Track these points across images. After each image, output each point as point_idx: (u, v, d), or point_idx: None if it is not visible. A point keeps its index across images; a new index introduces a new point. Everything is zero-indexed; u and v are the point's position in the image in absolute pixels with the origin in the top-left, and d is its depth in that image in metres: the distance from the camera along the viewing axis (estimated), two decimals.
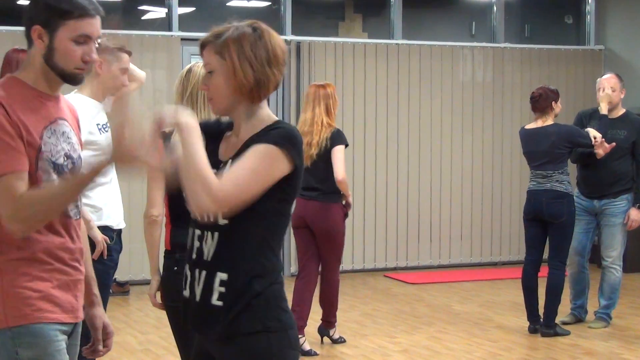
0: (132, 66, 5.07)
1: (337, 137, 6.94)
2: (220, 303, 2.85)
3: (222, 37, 2.87)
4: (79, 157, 3.08)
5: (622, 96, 7.85)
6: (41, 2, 2.87)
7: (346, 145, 6.99)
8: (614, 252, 7.82)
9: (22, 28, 2.98)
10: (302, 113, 7.24)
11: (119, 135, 2.69)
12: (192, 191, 2.69)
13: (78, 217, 3.08)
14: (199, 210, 2.72)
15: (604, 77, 7.96)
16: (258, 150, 2.80)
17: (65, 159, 3.00)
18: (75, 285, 3.01)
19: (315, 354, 6.96)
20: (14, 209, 2.78)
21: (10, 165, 2.79)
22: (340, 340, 7.32)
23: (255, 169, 2.77)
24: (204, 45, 2.93)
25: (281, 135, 2.83)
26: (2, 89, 2.87)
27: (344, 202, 7.07)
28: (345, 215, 7.11)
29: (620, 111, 7.85)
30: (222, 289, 2.85)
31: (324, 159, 6.88)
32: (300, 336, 6.58)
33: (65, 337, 2.96)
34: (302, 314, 6.89)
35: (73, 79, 2.97)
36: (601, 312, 7.95)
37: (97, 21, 2.94)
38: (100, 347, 3.23)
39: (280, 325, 2.88)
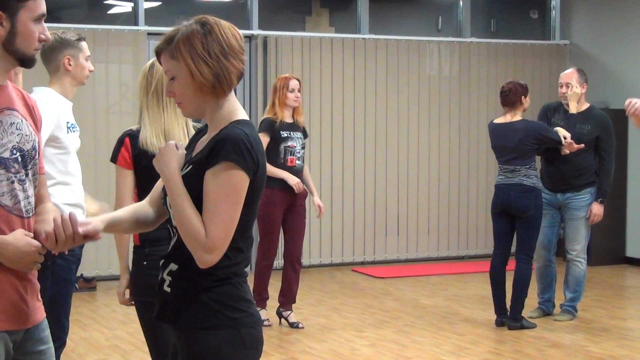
0: None
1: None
2: (168, 289, 2.87)
3: (173, 40, 2.82)
4: (34, 147, 2.95)
5: (584, 91, 7.87)
6: None
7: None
8: (578, 245, 7.87)
9: None
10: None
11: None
12: (188, 247, 2.76)
13: (29, 215, 2.96)
14: (203, 265, 2.74)
15: (566, 72, 7.99)
16: (219, 178, 2.73)
17: (13, 152, 2.88)
18: (24, 287, 2.91)
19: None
20: None
21: None
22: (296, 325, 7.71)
23: (227, 199, 2.73)
24: (158, 52, 2.87)
25: (231, 149, 2.73)
26: None
27: None
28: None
29: (584, 105, 7.88)
30: (170, 279, 2.87)
31: None
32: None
33: (10, 345, 2.85)
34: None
35: (31, 62, 2.92)
36: (567, 305, 8.01)
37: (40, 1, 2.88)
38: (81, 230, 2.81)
39: (231, 324, 2.82)
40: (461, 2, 11.74)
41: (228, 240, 2.74)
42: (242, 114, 2.88)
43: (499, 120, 7.71)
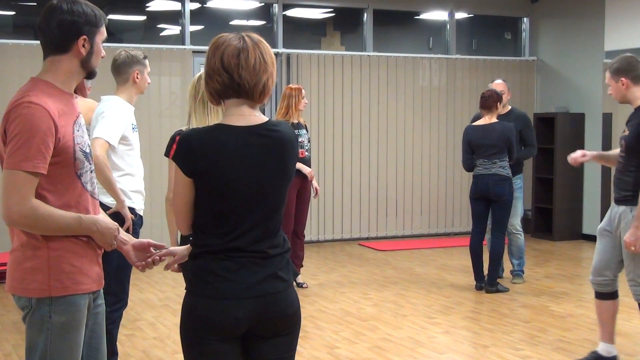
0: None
1: None
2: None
3: None
4: (89, 145, 2.98)
5: (509, 97, 8.17)
6: (82, 19, 2.81)
7: None
8: (515, 220, 7.91)
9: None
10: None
11: None
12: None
13: (98, 197, 3.04)
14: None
15: (495, 82, 8.15)
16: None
17: (88, 147, 2.94)
18: (99, 258, 2.97)
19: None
20: (17, 205, 2.67)
21: (34, 165, 2.68)
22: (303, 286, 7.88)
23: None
24: None
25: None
26: (36, 91, 2.76)
27: None
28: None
29: (507, 109, 8.01)
30: None
31: None
32: None
33: (89, 301, 2.92)
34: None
35: (95, 75, 2.95)
36: (517, 271, 8.07)
37: (104, 28, 2.93)
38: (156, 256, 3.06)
39: (194, 290, 2.71)
40: (448, 25, 11.70)
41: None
42: (226, 120, 2.72)
43: (478, 122, 7.66)
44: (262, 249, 2.71)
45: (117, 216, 4.46)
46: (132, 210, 4.74)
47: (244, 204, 2.68)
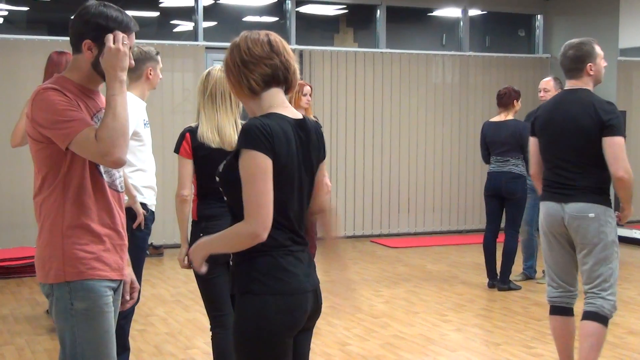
0: None
1: None
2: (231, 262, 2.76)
3: None
4: None
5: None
6: (93, 22, 2.83)
7: None
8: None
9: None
10: None
11: None
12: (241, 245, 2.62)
13: (122, 190, 3.07)
14: (258, 241, 2.56)
15: (544, 79, 7.85)
16: (241, 165, 2.57)
17: None
18: (121, 248, 3.00)
19: None
20: (97, 145, 2.73)
21: (86, 122, 2.77)
22: None
23: (252, 183, 2.54)
24: None
25: (242, 138, 2.58)
26: (57, 84, 2.86)
27: None
28: None
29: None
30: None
31: None
32: None
33: (112, 292, 2.95)
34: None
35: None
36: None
37: (133, 35, 2.92)
38: (127, 298, 3.13)
39: (263, 289, 2.60)
40: (462, 22, 11.65)
41: (268, 215, 2.55)
42: (274, 110, 2.68)
43: (494, 119, 7.65)
44: (306, 242, 2.76)
45: (129, 212, 4.45)
46: (143, 205, 4.74)
47: (295, 196, 2.70)
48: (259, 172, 2.53)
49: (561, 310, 4.66)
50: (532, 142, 4.72)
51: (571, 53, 4.55)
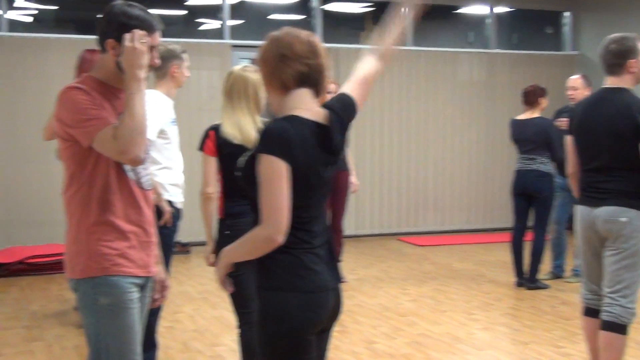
0: None
1: None
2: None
3: None
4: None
5: (587, 94, 7.63)
6: (115, 21, 2.85)
7: None
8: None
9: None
10: None
11: None
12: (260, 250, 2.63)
13: (150, 188, 3.08)
14: (274, 245, 2.57)
15: (572, 77, 7.73)
16: (259, 169, 2.57)
17: None
18: (147, 245, 3.01)
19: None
20: (116, 143, 2.75)
21: (107, 120, 2.79)
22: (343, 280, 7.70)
23: (269, 187, 2.55)
24: None
25: (261, 142, 2.58)
26: (82, 83, 2.89)
27: None
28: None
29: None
30: None
31: None
32: None
33: (137, 289, 2.97)
34: None
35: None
36: (577, 270, 7.88)
37: (158, 34, 2.94)
38: (157, 296, 3.21)
39: (286, 286, 2.62)
40: (489, 20, 11.59)
41: (284, 219, 2.56)
42: (297, 112, 2.66)
43: (520, 117, 7.60)
44: (326, 240, 2.75)
45: (156, 209, 4.47)
46: (170, 203, 4.75)
47: (315, 198, 2.70)
48: (275, 176, 2.54)
49: (592, 312, 4.57)
50: (569, 141, 4.62)
51: (614, 47, 4.38)
